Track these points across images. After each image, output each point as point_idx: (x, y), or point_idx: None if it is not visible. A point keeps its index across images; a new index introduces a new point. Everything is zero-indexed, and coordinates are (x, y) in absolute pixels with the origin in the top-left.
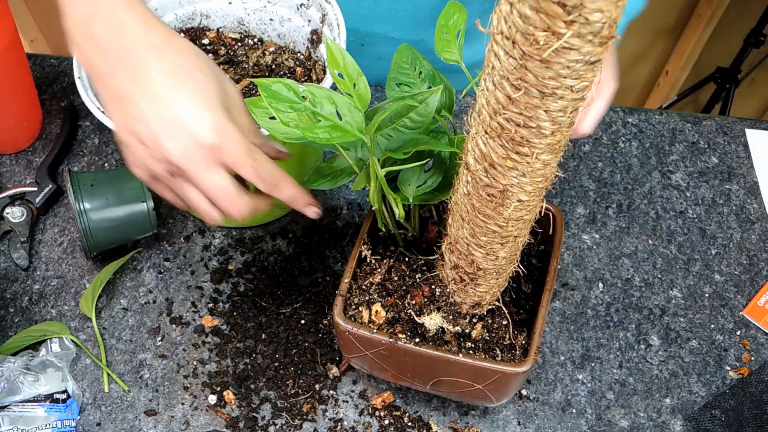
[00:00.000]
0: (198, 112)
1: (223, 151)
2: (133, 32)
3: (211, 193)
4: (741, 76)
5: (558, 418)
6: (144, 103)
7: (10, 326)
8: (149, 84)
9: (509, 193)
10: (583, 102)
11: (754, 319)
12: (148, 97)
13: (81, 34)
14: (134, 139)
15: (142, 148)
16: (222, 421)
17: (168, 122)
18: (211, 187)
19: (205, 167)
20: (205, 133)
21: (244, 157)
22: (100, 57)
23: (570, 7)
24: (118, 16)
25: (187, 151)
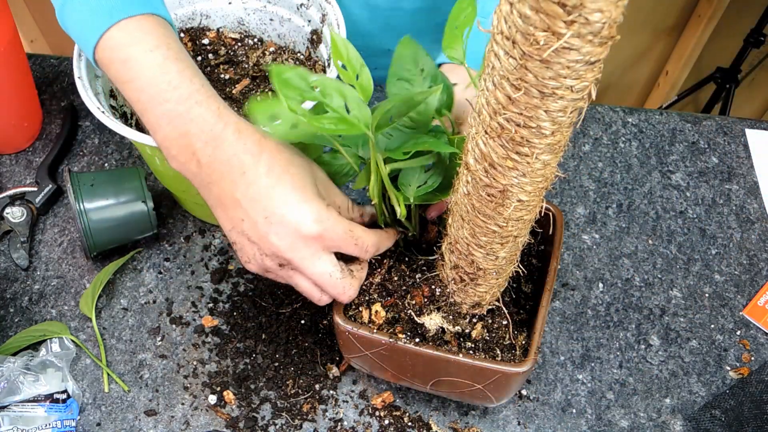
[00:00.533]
0: (298, 207)
1: (326, 238)
2: (229, 143)
3: (319, 280)
4: (741, 76)
5: (558, 418)
6: (248, 206)
7: (10, 326)
8: (251, 188)
9: (509, 193)
10: (584, 102)
11: (754, 319)
12: (252, 200)
13: (177, 148)
14: (243, 238)
15: (250, 245)
16: (222, 421)
17: (272, 221)
18: (317, 273)
19: (310, 256)
20: (308, 226)
21: (345, 239)
22: (200, 169)
23: (570, 7)
24: (213, 131)
25: (293, 244)
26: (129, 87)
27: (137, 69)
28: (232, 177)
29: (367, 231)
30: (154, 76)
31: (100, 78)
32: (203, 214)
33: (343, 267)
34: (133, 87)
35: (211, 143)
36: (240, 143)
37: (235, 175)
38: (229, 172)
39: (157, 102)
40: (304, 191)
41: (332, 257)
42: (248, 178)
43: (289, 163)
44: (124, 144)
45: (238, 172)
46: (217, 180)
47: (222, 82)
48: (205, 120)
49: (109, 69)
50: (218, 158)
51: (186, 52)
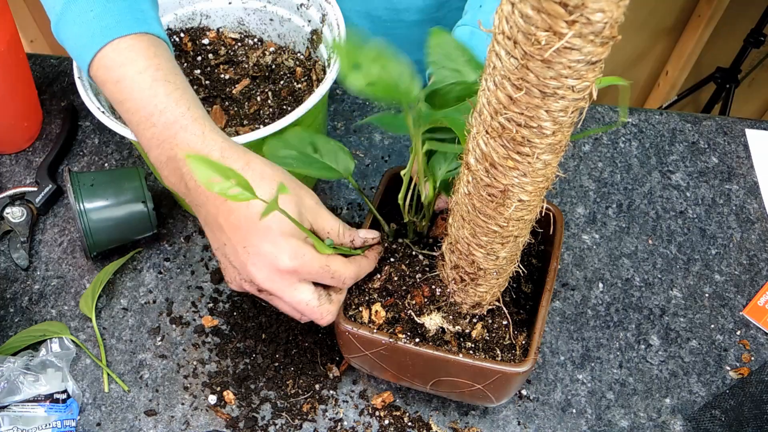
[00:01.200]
0: (275, 241)
1: (301, 273)
2: None
3: (297, 307)
4: (741, 76)
5: (558, 418)
6: (230, 233)
7: (10, 326)
8: (231, 215)
9: (510, 193)
10: (585, 102)
11: (754, 319)
12: (232, 227)
13: (167, 170)
14: (226, 261)
15: (231, 269)
16: (222, 421)
17: (250, 251)
18: (294, 302)
19: (287, 287)
20: (283, 260)
21: (321, 274)
22: (189, 191)
23: (571, 7)
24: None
25: (269, 276)
26: (122, 107)
27: (128, 90)
28: (215, 203)
29: (345, 263)
30: (142, 98)
31: None
32: None
33: (321, 293)
34: (126, 108)
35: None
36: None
37: (217, 201)
38: (212, 197)
39: (146, 126)
40: (281, 226)
41: (309, 286)
42: (229, 205)
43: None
44: (124, 144)
45: (220, 199)
46: (203, 203)
47: (222, 82)
48: (189, 146)
49: (104, 87)
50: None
51: (178, 71)
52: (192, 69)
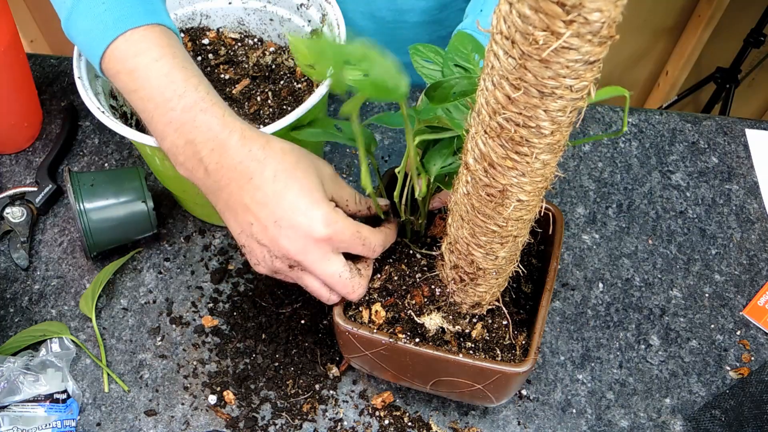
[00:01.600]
0: (307, 211)
1: (335, 240)
2: (235, 150)
3: (329, 281)
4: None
5: (558, 418)
6: (257, 210)
7: (10, 326)
8: (258, 193)
9: (509, 192)
10: (583, 102)
11: (754, 319)
12: (260, 204)
13: (184, 155)
14: (252, 242)
15: (260, 248)
16: (222, 421)
17: (281, 224)
18: (327, 274)
19: (321, 258)
20: (317, 228)
21: (354, 240)
22: (208, 176)
23: (569, 6)
24: (219, 138)
25: (304, 247)
26: (136, 96)
27: (144, 78)
28: (240, 183)
29: (373, 231)
30: (160, 85)
31: (100, 78)
32: (203, 214)
33: (352, 266)
34: (140, 96)
35: (217, 150)
36: (245, 149)
37: (242, 181)
38: (236, 178)
39: (164, 111)
40: (312, 194)
41: (341, 258)
42: (255, 183)
43: (295, 167)
44: (124, 144)
45: (245, 179)
46: (225, 186)
47: (222, 82)
48: (210, 128)
49: (116, 79)
50: (225, 165)
51: (191, 60)
52: None
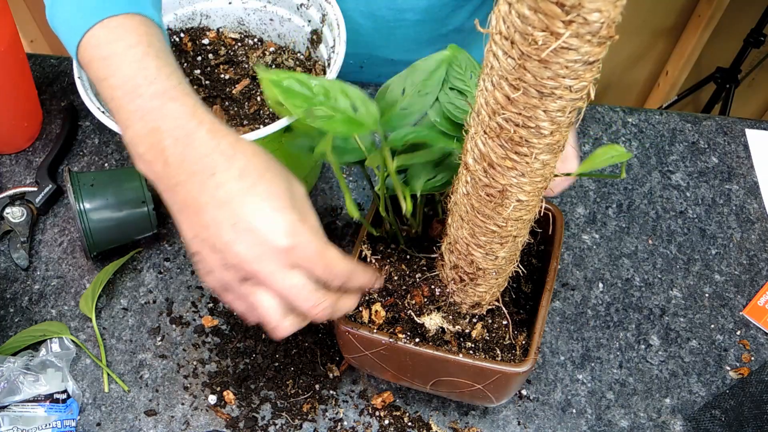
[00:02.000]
0: (270, 216)
1: (297, 252)
2: (202, 142)
3: (287, 293)
4: (741, 76)
5: (558, 418)
6: (215, 210)
7: (10, 326)
8: (220, 190)
9: (508, 193)
10: (583, 102)
11: (754, 319)
12: (219, 204)
13: (145, 145)
14: (205, 247)
15: (212, 255)
16: (222, 421)
17: (240, 228)
18: (286, 287)
19: (279, 269)
20: (278, 236)
21: (316, 258)
22: (168, 168)
23: (568, 7)
24: (186, 128)
25: (260, 254)
26: (106, 84)
27: (116, 65)
28: (201, 178)
29: (341, 256)
30: (131, 71)
31: None
32: None
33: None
34: (110, 84)
35: (182, 140)
36: (213, 142)
37: (204, 176)
38: (197, 172)
39: (131, 97)
40: (279, 200)
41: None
42: (218, 179)
43: (265, 169)
44: (124, 144)
45: (207, 173)
46: (184, 181)
47: (222, 82)
48: (178, 116)
49: (89, 67)
50: (188, 158)
51: (169, 51)
52: (192, 69)
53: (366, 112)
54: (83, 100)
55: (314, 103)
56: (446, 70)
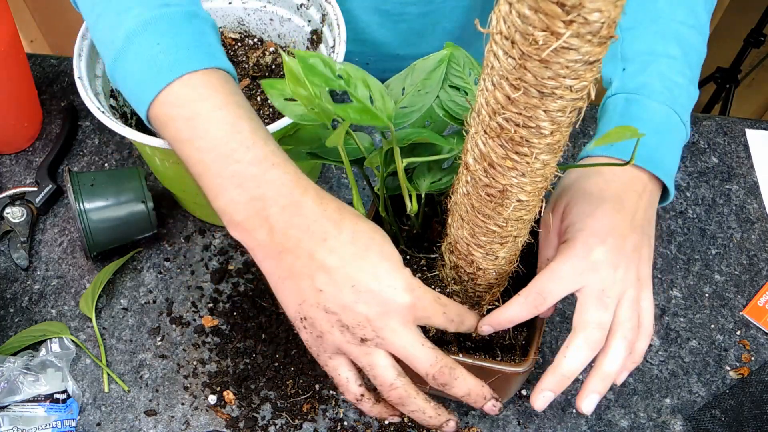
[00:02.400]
0: (389, 276)
1: (417, 308)
2: (310, 209)
3: (408, 352)
4: (741, 76)
5: (558, 418)
6: (330, 274)
7: (10, 326)
8: (333, 256)
9: (509, 192)
10: (583, 102)
11: (754, 319)
12: (335, 268)
13: (244, 213)
14: (318, 311)
15: (326, 317)
16: (222, 421)
17: (360, 289)
18: (407, 345)
19: (401, 327)
20: (400, 294)
21: (435, 308)
22: (272, 236)
23: (569, 6)
24: (292, 195)
25: (384, 312)
26: (190, 146)
27: (204, 127)
28: (312, 244)
29: (450, 300)
30: (224, 135)
31: (100, 78)
32: (203, 214)
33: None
34: (197, 146)
35: (288, 208)
36: (320, 209)
37: (314, 242)
38: (307, 239)
39: (226, 163)
40: (392, 260)
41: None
42: (330, 245)
43: (373, 231)
44: (124, 144)
45: (318, 239)
46: (292, 248)
47: None
48: (283, 183)
49: (167, 126)
50: (295, 224)
51: (254, 112)
52: None
53: (383, 105)
54: (83, 100)
55: (333, 85)
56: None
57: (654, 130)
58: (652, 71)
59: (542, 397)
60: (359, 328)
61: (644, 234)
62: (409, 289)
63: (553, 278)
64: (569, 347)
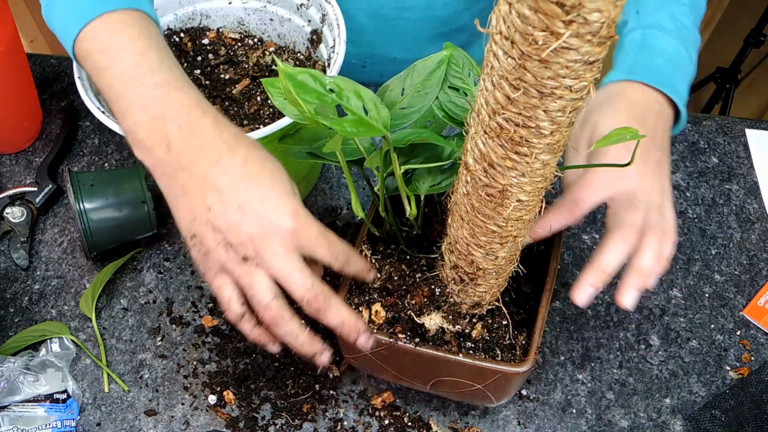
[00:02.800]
0: (275, 200)
1: (300, 234)
2: (207, 130)
3: (285, 274)
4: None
5: (558, 418)
6: (220, 194)
7: (10, 326)
8: (224, 176)
9: (508, 193)
10: (583, 102)
11: (754, 319)
12: (224, 189)
13: (146, 132)
14: (206, 228)
15: (213, 235)
16: (222, 421)
17: (246, 210)
18: (286, 268)
19: (282, 250)
20: (284, 218)
21: (319, 239)
22: (169, 153)
23: (568, 6)
24: (191, 116)
25: (265, 231)
26: (105, 75)
27: (117, 56)
28: (205, 164)
29: (340, 240)
30: (133, 62)
31: None
32: None
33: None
34: (110, 74)
35: (186, 128)
36: (216, 132)
37: (208, 162)
38: (201, 159)
39: (133, 87)
40: (281, 186)
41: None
42: (223, 166)
43: (265, 159)
44: (124, 144)
45: (212, 159)
46: (187, 166)
47: (222, 82)
48: (183, 104)
49: (87, 59)
50: (191, 144)
51: (168, 48)
52: (192, 69)
53: (377, 114)
54: (83, 100)
55: (326, 100)
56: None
57: (669, 60)
58: (664, 13)
59: (584, 292)
60: (242, 247)
61: (663, 151)
62: (294, 214)
63: (587, 186)
64: (607, 244)
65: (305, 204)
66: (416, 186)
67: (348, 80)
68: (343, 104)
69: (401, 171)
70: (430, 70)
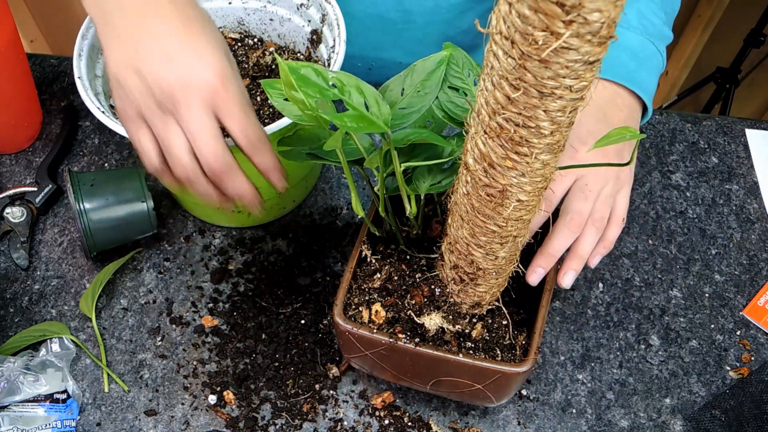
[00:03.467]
0: (205, 55)
1: (220, 94)
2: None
3: (196, 133)
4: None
5: (558, 418)
6: (151, 41)
7: (10, 326)
8: (160, 26)
9: (508, 193)
10: (583, 102)
11: (754, 319)
12: (157, 37)
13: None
14: (130, 72)
15: (136, 79)
16: (222, 421)
17: (173, 59)
18: (198, 124)
19: (198, 104)
20: (208, 73)
21: (237, 108)
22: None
23: (569, 6)
24: None
25: (187, 82)
26: None
27: None
28: (143, 10)
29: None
30: None
31: (100, 78)
32: (203, 214)
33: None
34: None
35: None
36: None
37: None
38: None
39: None
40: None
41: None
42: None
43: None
44: (124, 144)
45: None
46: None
47: None
48: None
49: None
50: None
51: None
52: None
53: (378, 111)
54: (83, 100)
55: (327, 95)
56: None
57: (632, 55)
58: (632, 9)
59: (535, 273)
60: (162, 96)
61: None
62: (220, 74)
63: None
64: (554, 231)
65: (305, 204)
66: (416, 185)
67: (350, 76)
68: (345, 99)
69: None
70: (430, 70)
